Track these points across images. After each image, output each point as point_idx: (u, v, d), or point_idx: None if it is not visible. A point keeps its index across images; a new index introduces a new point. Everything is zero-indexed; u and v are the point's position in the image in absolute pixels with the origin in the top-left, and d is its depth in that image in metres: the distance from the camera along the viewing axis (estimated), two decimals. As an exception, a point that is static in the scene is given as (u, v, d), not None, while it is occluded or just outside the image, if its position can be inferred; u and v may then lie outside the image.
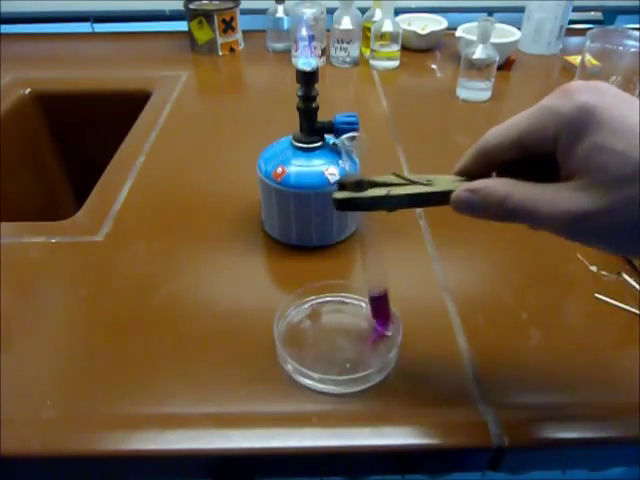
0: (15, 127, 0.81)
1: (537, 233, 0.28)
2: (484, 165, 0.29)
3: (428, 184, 0.31)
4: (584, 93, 0.24)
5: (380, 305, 0.40)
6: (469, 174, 0.30)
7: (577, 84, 0.25)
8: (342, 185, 0.32)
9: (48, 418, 0.36)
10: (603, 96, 0.24)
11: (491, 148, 0.28)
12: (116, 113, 0.80)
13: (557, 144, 0.25)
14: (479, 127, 0.80)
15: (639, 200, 0.23)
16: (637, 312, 0.44)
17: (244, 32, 0.98)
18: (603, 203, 0.23)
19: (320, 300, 0.45)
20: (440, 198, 0.30)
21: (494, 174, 0.30)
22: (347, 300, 0.45)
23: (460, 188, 0.28)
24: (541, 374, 0.40)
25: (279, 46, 0.96)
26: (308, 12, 0.84)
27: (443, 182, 0.30)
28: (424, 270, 0.49)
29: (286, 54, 0.94)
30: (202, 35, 0.93)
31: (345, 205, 0.32)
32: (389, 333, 0.40)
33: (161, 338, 0.42)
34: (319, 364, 0.39)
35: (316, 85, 0.45)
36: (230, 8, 0.92)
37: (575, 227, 0.25)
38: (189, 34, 0.94)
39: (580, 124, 0.24)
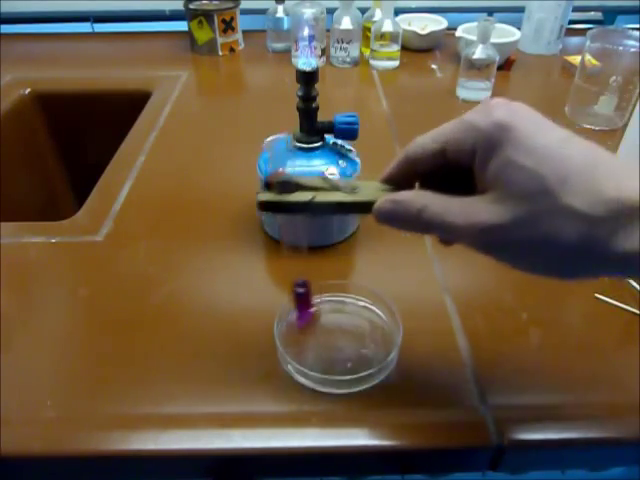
0: (15, 127, 0.81)
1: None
2: (409, 173, 0.30)
3: (353, 192, 0.31)
4: (501, 110, 0.25)
5: (302, 299, 0.41)
6: (394, 181, 0.30)
7: (496, 101, 0.26)
8: (268, 184, 0.32)
9: (48, 418, 0.36)
10: (519, 114, 0.25)
11: (417, 156, 0.29)
12: (116, 113, 0.80)
13: (474, 158, 0.26)
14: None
15: (543, 216, 0.23)
16: (637, 312, 0.44)
17: (244, 32, 0.98)
18: (511, 217, 0.24)
19: (320, 300, 0.45)
20: (364, 207, 0.30)
21: (417, 184, 0.30)
22: (347, 300, 0.45)
23: (382, 199, 0.28)
24: (541, 374, 0.40)
25: (279, 46, 0.96)
26: (308, 12, 0.84)
27: (368, 190, 0.31)
28: (424, 270, 0.49)
29: (286, 54, 0.94)
30: (202, 35, 0.93)
31: (269, 207, 0.32)
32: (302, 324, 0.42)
33: (161, 338, 0.42)
34: (319, 364, 0.39)
35: (316, 85, 0.45)
36: (230, 8, 0.92)
37: (486, 240, 0.25)
38: (189, 34, 0.94)
39: (495, 139, 0.24)
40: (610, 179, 0.23)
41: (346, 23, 0.86)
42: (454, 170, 0.28)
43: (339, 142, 0.49)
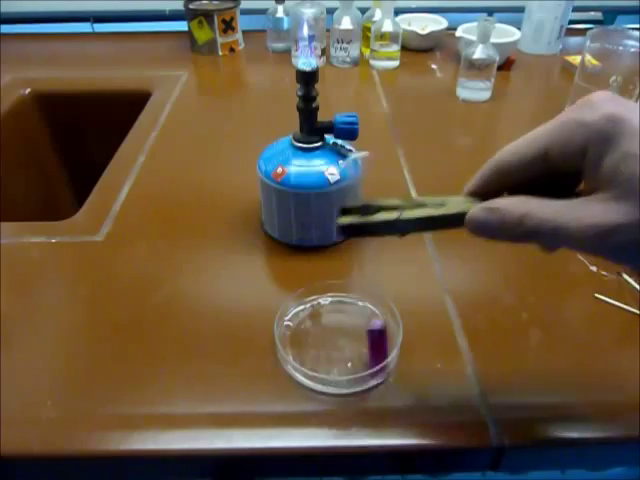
0: (15, 127, 0.81)
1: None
2: (500, 184, 0.28)
3: (440, 206, 0.29)
4: (608, 103, 0.24)
5: (377, 340, 0.39)
6: (482, 194, 0.29)
7: (599, 95, 0.25)
8: (346, 210, 0.30)
9: (48, 418, 0.36)
10: (627, 106, 0.24)
11: (510, 165, 0.27)
12: (116, 113, 0.80)
13: (585, 156, 0.24)
14: (479, 127, 0.80)
15: None
16: (637, 312, 0.44)
17: (244, 32, 0.98)
18: (635, 214, 0.23)
19: (320, 300, 0.45)
20: (454, 220, 0.28)
21: (505, 194, 0.28)
22: (347, 300, 0.45)
23: (476, 207, 0.27)
24: (541, 374, 0.40)
25: (279, 46, 0.96)
26: (308, 12, 0.84)
27: (455, 203, 0.29)
28: (424, 270, 0.49)
29: (286, 54, 0.94)
30: (202, 35, 0.93)
31: (352, 230, 0.30)
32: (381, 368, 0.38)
33: (161, 338, 0.42)
34: (319, 364, 0.39)
35: (316, 85, 0.45)
36: (230, 8, 0.92)
37: (604, 242, 0.24)
38: (189, 34, 0.94)
39: (609, 134, 0.23)
40: None
41: (346, 23, 0.86)
42: (552, 175, 0.26)
43: (339, 142, 0.49)
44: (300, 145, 0.48)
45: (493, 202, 0.26)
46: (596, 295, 0.46)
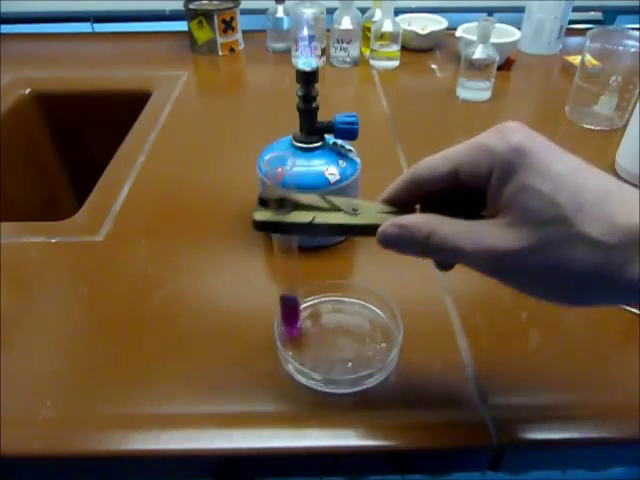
0: (15, 127, 0.81)
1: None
2: (413, 194, 0.29)
3: (354, 213, 0.30)
4: (518, 134, 0.25)
5: (290, 309, 0.40)
6: (397, 202, 0.30)
7: (512, 125, 0.26)
8: (263, 200, 0.30)
9: (48, 418, 0.36)
10: (535, 140, 0.25)
11: (424, 178, 0.28)
12: (116, 113, 0.80)
13: (489, 181, 0.26)
14: (479, 127, 0.80)
15: (558, 243, 0.23)
16: (637, 312, 0.44)
17: (244, 32, 0.98)
18: (525, 242, 0.24)
19: (321, 300, 0.45)
20: (366, 230, 0.29)
21: (418, 207, 0.30)
22: (347, 300, 0.45)
23: (387, 223, 0.28)
24: (541, 374, 0.40)
25: (279, 46, 0.96)
26: (308, 12, 0.84)
27: (369, 211, 0.30)
28: (424, 270, 0.49)
29: (286, 54, 0.94)
30: (202, 35, 0.93)
31: (266, 227, 0.30)
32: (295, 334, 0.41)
33: (161, 338, 0.42)
34: (320, 364, 0.39)
35: (316, 85, 0.45)
36: (230, 8, 0.92)
37: (498, 265, 0.25)
38: (189, 34, 0.94)
39: (512, 163, 0.24)
40: (623, 208, 0.23)
41: (346, 23, 0.86)
42: (461, 192, 0.27)
43: (339, 142, 0.49)
44: (300, 145, 0.48)
45: (403, 219, 0.28)
46: (596, 295, 0.46)
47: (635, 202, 0.23)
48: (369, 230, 0.29)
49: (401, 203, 0.30)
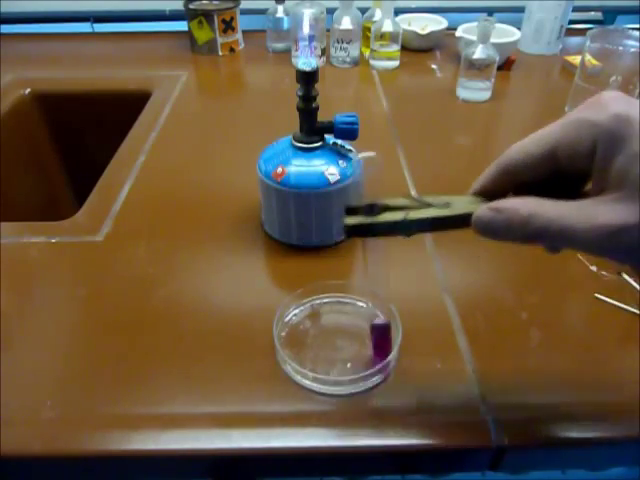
0: (15, 127, 0.81)
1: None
2: (506, 184, 0.28)
3: (446, 206, 0.29)
4: (618, 103, 0.24)
5: (381, 336, 0.39)
6: (488, 194, 0.28)
7: (608, 95, 0.24)
8: (351, 210, 0.29)
9: (48, 418, 0.36)
10: (636, 106, 0.24)
11: (517, 164, 0.27)
12: (116, 113, 0.80)
13: (593, 157, 0.24)
14: (479, 127, 0.80)
15: None
16: (637, 312, 0.44)
17: (244, 32, 0.98)
18: None
19: (320, 300, 0.45)
20: (461, 221, 0.28)
21: (510, 194, 0.28)
22: (347, 300, 0.45)
23: (482, 207, 0.26)
24: (541, 374, 0.40)
25: (279, 46, 0.96)
26: (308, 12, 0.84)
27: (461, 203, 0.29)
28: (424, 270, 0.49)
29: (286, 54, 0.94)
30: (202, 35, 0.93)
31: (358, 231, 0.29)
32: (384, 364, 0.39)
33: (161, 338, 0.42)
34: (319, 364, 0.39)
35: (316, 85, 0.45)
36: (230, 8, 0.92)
37: (612, 242, 0.23)
38: (189, 34, 0.94)
39: (619, 134, 0.23)
40: None
41: (346, 23, 0.86)
42: (557, 177, 0.26)
43: (339, 142, 0.49)
44: (300, 145, 0.48)
45: (499, 202, 0.26)
46: (596, 295, 0.46)
47: None
48: (464, 220, 0.27)
49: (493, 195, 0.28)
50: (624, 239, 0.23)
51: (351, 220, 0.29)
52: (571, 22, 0.95)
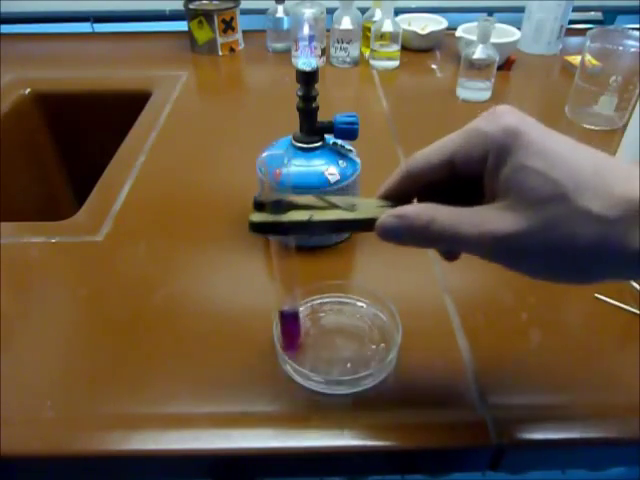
0: (15, 127, 0.81)
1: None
2: (410, 188, 0.29)
3: (351, 209, 0.29)
4: (510, 116, 0.25)
5: (288, 323, 0.39)
6: (393, 197, 0.30)
7: (503, 108, 0.26)
8: (259, 203, 0.30)
9: (48, 418, 0.36)
10: (527, 121, 0.25)
11: (419, 169, 0.28)
12: (116, 113, 0.80)
13: (484, 166, 0.26)
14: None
15: (559, 220, 0.23)
16: (637, 312, 0.44)
17: (244, 32, 0.98)
18: (527, 223, 0.24)
19: (320, 300, 0.45)
20: (365, 225, 0.29)
21: (414, 200, 0.30)
22: (347, 300, 0.45)
23: (385, 214, 0.27)
24: (541, 374, 0.40)
25: (279, 46, 0.96)
26: (308, 12, 0.84)
27: (366, 207, 0.30)
28: (424, 270, 0.49)
29: (286, 54, 0.94)
30: (202, 35, 0.93)
31: (262, 229, 0.30)
32: (292, 355, 0.39)
33: (161, 338, 0.42)
34: (319, 364, 0.39)
35: (316, 85, 0.45)
36: (230, 8, 0.92)
37: (501, 249, 0.25)
38: (189, 34, 0.94)
39: (506, 145, 0.24)
40: (620, 181, 0.23)
41: (346, 23, 0.86)
42: (458, 182, 0.27)
43: (339, 142, 0.49)
44: (300, 145, 0.48)
45: (402, 209, 0.27)
46: (596, 295, 0.46)
47: (632, 175, 0.23)
48: (368, 224, 0.28)
49: (398, 198, 0.30)
50: (512, 246, 0.24)
51: (256, 217, 0.30)
52: (571, 22, 0.95)
